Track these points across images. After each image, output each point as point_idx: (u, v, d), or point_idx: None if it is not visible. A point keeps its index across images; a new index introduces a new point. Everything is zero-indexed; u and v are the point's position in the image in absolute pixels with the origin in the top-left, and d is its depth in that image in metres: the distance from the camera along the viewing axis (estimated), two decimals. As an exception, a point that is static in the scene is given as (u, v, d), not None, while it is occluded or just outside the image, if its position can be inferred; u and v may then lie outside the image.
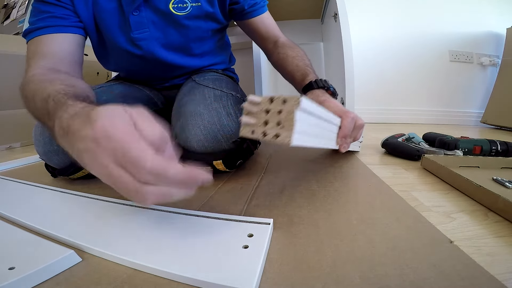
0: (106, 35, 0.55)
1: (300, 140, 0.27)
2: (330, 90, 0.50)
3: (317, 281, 0.24)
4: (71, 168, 0.48)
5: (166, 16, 0.54)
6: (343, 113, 0.42)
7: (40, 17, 0.47)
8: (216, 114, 0.49)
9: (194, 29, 0.58)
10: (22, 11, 1.55)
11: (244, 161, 0.57)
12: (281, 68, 0.60)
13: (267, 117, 0.28)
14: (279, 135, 0.27)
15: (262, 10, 0.62)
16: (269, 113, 0.28)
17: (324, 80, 0.51)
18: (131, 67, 0.63)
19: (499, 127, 1.47)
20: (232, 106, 0.53)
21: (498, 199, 0.39)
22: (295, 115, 0.26)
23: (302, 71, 0.55)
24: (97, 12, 0.52)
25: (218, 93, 0.54)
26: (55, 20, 0.47)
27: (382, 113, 1.59)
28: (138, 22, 0.53)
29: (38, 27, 0.47)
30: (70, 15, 0.50)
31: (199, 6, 0.55)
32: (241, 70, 1.07)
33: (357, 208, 0.38)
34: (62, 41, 0.48)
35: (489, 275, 0.24)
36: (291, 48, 0.60)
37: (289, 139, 0.26)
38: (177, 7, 0.54)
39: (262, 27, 0.63)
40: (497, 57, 1.56)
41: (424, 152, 0.66)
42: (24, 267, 0.24)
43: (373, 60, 1.58)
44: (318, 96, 0.48)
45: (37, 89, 0.37)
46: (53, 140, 0.46)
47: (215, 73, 0.67)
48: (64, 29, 0.48)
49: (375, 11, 1.56)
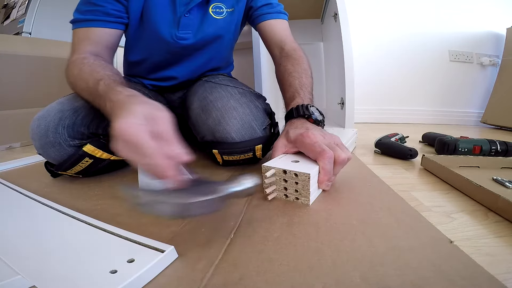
0: (150, 26, 0.59)
1: (312, 199, 0.40)
2: (311, 118, 0.47)
3: (317, 281, 0.24)
4: (68, 161, 0.49)
5: (206, 19, 0.61)
6: (318, 155, 0.40)
7: (91, 8, 0.53)
8: (247, 106, 0.56)
9: (227, 32, 0.65)
10: (22, 11, 1.55)
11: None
12: (279, 84, 0.61)
13: (286, 185, 0.41)
14: (299, 198, 0.40)
15: (270, 16, 0.64)
16: (287, 182, 0.40)
17: (307, 106, 0.48)
18: (159, 58, 0.66)
19: (499, 127, 1.47)
20: (256, 100, 0.59)
21: (498, 199, 0.39)
22: (310, 188, 0.38)
23: (292, 92, 0.53)
24: (148, 5, 0.57)
25: (241, 91, 0.59)
26: (104, 16, 0.54)
27: (381, 113, 1.59)
28: (186, 24, 0.60)
29: (87, 19, 0.53)
30: (119, 9, 0.56)
31: (232, 11, 0.63)
32: (241, 70, 1.07)
33: (357, 208, 0.38)
34: (106, 33, 0.55)
35: (489, 275, 0.24)
36: (292, 61, 0.59)
37: (307, 202, 0.40)
38: (215, 12, 0.62)
39: (269, 32, 0.65)
40: (497, 57, 1.56)
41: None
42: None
43: (373, 60, 1.58)
44: (296, 128, 0.46)
45: (91, 71, 0.46)
46: (48, 132, 0.48)
47: (223, 76, 0.70)
48: (109, 25, 0.55)
49: (375, 11, 1.56)
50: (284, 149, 0.46)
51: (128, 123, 0.30)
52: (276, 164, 0.41)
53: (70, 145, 0.48)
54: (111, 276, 0.23)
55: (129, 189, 0.31)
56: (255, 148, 0.55)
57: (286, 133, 0.47)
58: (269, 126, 0.58)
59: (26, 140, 1.02)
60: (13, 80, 0.98)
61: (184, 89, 0.74)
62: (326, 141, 0.43)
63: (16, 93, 0.99)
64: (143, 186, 0.46)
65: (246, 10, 0.67)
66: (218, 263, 0.27)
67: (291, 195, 0.41)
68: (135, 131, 0.30)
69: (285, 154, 0.46)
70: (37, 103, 0.96)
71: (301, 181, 0.38)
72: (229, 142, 0.53)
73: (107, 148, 0.52)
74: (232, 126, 0.53)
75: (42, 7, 1.54)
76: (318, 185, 0.41)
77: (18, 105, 0.99)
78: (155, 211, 0.30)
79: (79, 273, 0.24)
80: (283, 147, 0.46)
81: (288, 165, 0.41)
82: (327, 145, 0.42)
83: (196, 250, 0.29)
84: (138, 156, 0.30)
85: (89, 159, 0.50)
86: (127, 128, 0.30)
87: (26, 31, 1.48)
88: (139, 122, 0.31)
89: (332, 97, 1.23)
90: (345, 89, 0.99)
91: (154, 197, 0.30)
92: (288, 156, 0.45)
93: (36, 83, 1.03)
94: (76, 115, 0.49)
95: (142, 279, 0.24)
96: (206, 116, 0.56)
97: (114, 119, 0.32)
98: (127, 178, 0.54)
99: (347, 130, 0.87)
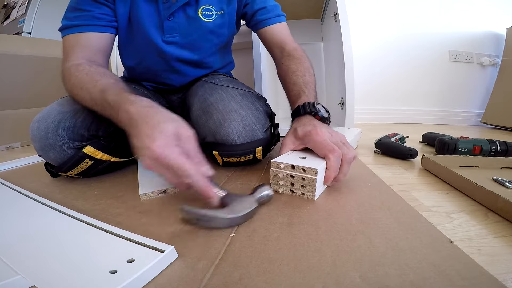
0: (140, 31, 0.58)
1: (317, 195, 0.42)
2: (318, 115, 0.48)
3: (317, 281, 0.24)
4: (68, 163, 0.49)
5: (195, 22, 0.59)
6: (328, 152, 0.41)
7: (78, 14, 0.52)
8: (248, 108, 0.55)
9: (218, 35, 0.64)
10: (22, 11, 1.55)
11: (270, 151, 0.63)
12: (282, 83, 0.61)
13: (293, 181, 0.42)
14: (304, 194, 0.42)
15: (270, 21, 0.64)
16: (294, 178, 0.42)
17: (313, 104, 0.49)
18: (152, 62, 0.65)
19: (499, 127, 1.47)
20: (257, 101, 0.59)
21: (498, 199, 0.39)
22: (316, 184, 0.40)
23: (296, 91, 0.54)
24: (134, 10, 0.56)
25: (242, 92, 0.59)
26: (93, 19, 0.52)
27: (382, 113, 1.59)
28: (170, 27, 0.59)
29: (76, 24, 0.52)
30: (107, 13, 0.54)
31: (222, 14, 0.62)
32: (241, 70, 1.07)
33: (357, 208, 0.38)
34: (96, 38, 0.54)
35: (489, 275, 0.24)
36: (295, 60, 0.59)
37: (313, 197, 0.41)
38: (205, 14, 0.60)
39: (269, 36, 0.64)
40: (497, 57, 1.56)
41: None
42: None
43: (373, 60, 1.58)
44: (304, 125, 0.46)
45: (90, 80, 0.46)
46: (48, 134, 0.47)
47: (223, 76, 0.70)
48: (99, 29, 0.54)
49: (375, 11, 1.56)
50: (292, 146, 0.47)
51: (166, 147, 0.32)
52: (285, 160, 0.43)
53: (70, 147, 0.48)
54: (111, 276, 0.23)
55: (187, 208, 0.33)
56: (255, 150, 0.55)
57: (294, 130, 0.48)
58: (269, 127, 0.58)
59: (26, 140, 1.02)
60: (13, 80, 0.97)
61: (184, 91, 0.74)
62: (334, 139, 0.44)
63: (16, 93, 0.99)
64: (143, 184, 0.46)
65: (240, 13, 0.65)
66: (218, 263, 0.27)
67: (297, 190, 0.42)
68: (175, 156, 0.32)
69: (293, 151, 0.48)
70: (37, 103, 0.96)
71: (308, 177, 0.40)
72: (230, 144, 0.53)
73: (107, 150, 0.51)
74: (233, 128, 0.53)
75: (42, 7, 1.54)
76: (324, 181, 0.43)
77: (18, 105, 0.99)
78: (210, 226, 0.33)
79: (79, 273, 0.24)
80: (291, 144, 0.47)
81: (297, 160, 0.42)
82: (335, 143, 0.42)
83: (196, 250, 0.29)
84: (173, 175, 0.34)
85: (89, 160, 0.50)
86: (167, 153, 0.32)
87: (26, 31, 1.49)
88: (173, 143, 0.34)
89: (332, 97, 1.23)
90: (345, 89, 0.99)
91: (207, 214, 0.33)
92: (295, 153, 0.47)
93: (36, 83, 1.03)
94: (76, 117, 0.49)
95: (142, 279, 0.24)
96: (206, 117, 0.56)
97: (139, 135, 0.34)
98: (127, 178, 0.54)
99: (352, 129, 0.88)
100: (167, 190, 0.45)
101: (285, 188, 0.44)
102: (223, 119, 0.53)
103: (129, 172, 0.57)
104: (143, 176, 0.50)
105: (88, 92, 0.44)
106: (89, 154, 0.49)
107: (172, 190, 0.45)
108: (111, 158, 0.53)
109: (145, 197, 0.43)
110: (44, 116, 0.49)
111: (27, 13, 1.51)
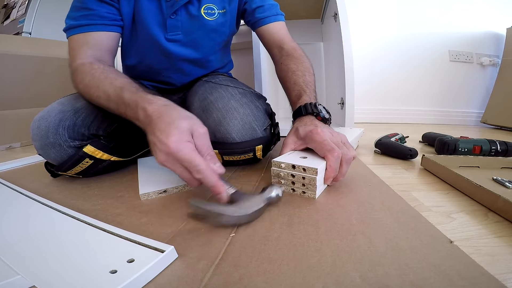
0: (143, 30, 0.59)
1: (318, 194, 0.42)
2: (320, 116, 0.48)
3: (317, 281, 0.24)
4: (68, 162, 0.49)
5: (197, 21, 0.60)
6: (328, 153, 0.41)
7: (85, 13, 0.52)
8: (248, 107, 0.56)
9: (220, 33, 0.65)
10: (22, 11, 1.55)
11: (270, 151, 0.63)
12: (282, 82, 0.61)
13: (294, 180, 0.43)
14: (305, 192, 0.43)
15: (268, 20, 0.64)
16: (295, 177, 0.42)
17: (315, 104, 0.49)
18: (154, 61, 0.65)
19: (499, 127, 1.47)
20: (256, 100, 0.59)
21: (498, 199, 0.39)
22: (316, 183, 0.40)
23: (297, 91, 0.54)
24: (138, 9, 0.57)
25: (241, 91, 0.60)
26: (100, 19, 0.52)
27: (382, 113, 1.59)
28: (173, 25, 0.59)
29: (82, 24, 0.51)
30: (112, 12, 0.54)
31: (224, 12, 0.62)
32: (241, 70, 1.07)
33: (357, 208, 0.38)
34: (104, 37, 0.54)
35: (489, 275, 0.24)
36: (294, 59, 0.59)
37: (313, 195, 0.42)
38: (207, 13, 0.60)
39: (267, 35, 0.65)
40: (497, 57, 1.56)
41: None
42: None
43: (373, 60, 1.57)
44: (305, 125, 0.47)
45: (105, 78, 0.46)
46: (48, 133, 0.47)
47: (223, 76, 0.70)
48: (106, 28, 0.54)
49: (375, 11, 1.56)
50: (293, 145, 0.48)
51: (179, 141, 0.33)
52: (285, 159, 0.44)
53: (70, 146, 0.48)
54: (111, 276, 0.23)
55: (195, 203, 0.32)
56: (255, 149, 0.55)
57: (295, 130, 0.48)
58: (269, 126, 0.59)
59: (26, 140, 1.02)
60: (13, 80, 0.97)
61: (184, 90, 0.74)
62: (335, 139, 0.44)
63: (16, 93, 0.99)
64: (143, 184, 0.46)
65: (240, 12, 0.66)
66: (218, 263, 0.27)
67: (298, 189, 0.43)
68: (188, 151, 0.34)
69: (294, 150, 0.48)
70: (37, 103, 0.96)
71: (308, 176, 0.41)
72: (229, 142, 0.53)
73: (108, 149, 0.52)
74: (233, 127, 0.53)
75: (42, 7, 1.54)
76: (324, 181, 0.43)
77: (18, 105, 0.99)
78: (217, 223, 0.33)
79: (79, 273, 0.24)
80: (292, 144, 0.48)
81: (297, 160, 0.43)
82: (335, 144, 0.43)
83: (196, 250, 0.29)
84: (185, 171, 0.35)
85: (89, 160, 0.50)
86: (181, 147, 0.33)
87: (26, 31, 1.48)
88: (187, 139, 0.35)
89: (332, 97, 1.23)
90: (345, 89, 0.99)
91: (214, 209, 0.32)
92: (296, 153, 0.47)
93: (36, 83, 1.03)
94: (76, 116, 0.49)
95: (142, 279, 0.24)
96: (206, 116, 0.56)
97: (155, 131, 0.35)
98: (127, 178, 0.54)
99: (355, 129, 0.88)
100: (167, 190, 0.45)
101: (286, 187, 0.44)
102: (222, 117, 0.54)
103: (129, 172, 0.57)
104: (143, 176, 0.50)
105: (104, 90, 0.45)
106: (89, 153, 0.49)
107: (172, 190, 0.45)
108: (111, 157, 0.53)
109: (145, 197, 0.43)
110: (45, 115, 0.49)
111: (27, 13, 1.51)
